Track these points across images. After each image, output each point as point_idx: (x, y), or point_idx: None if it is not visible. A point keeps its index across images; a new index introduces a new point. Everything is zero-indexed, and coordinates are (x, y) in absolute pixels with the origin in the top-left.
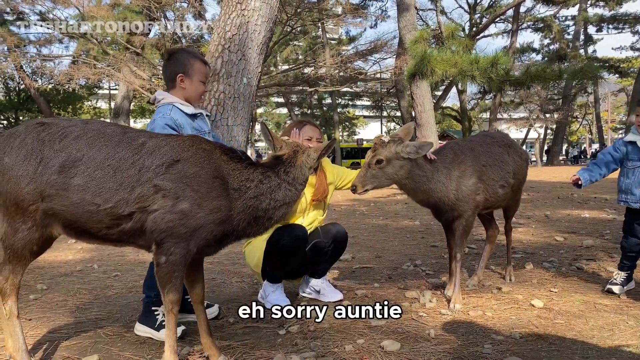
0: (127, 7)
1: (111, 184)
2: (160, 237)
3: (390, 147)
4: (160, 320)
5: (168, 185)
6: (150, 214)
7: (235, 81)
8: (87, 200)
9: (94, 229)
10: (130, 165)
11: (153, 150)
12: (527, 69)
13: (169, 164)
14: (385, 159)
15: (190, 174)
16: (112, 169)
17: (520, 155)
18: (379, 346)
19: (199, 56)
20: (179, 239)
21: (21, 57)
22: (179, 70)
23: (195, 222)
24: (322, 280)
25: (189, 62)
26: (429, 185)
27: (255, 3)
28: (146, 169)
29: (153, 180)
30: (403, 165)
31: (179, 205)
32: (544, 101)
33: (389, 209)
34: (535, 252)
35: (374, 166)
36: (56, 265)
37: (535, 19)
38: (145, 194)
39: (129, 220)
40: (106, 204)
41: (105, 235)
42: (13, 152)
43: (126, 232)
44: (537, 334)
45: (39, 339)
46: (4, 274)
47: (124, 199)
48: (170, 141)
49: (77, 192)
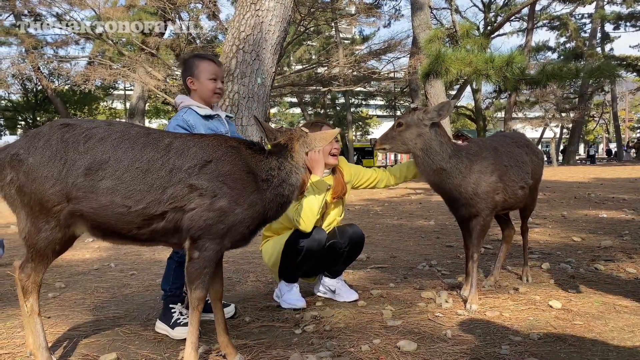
0: (142, 8)
1: (142, 186)
2: (198, 234)
3: (414, 113)
4: (175, 318)
5: (204, 184)
6: (186, 212)
7: (250, 81)
8: (117, 202)
9: (124, 229)
10: (160, 166)
11: (182, 151)
12: (544, 68)
13: (202, 164)
14: (405, 124)
15: (225, 172)
16: (142, 171)
17: (537, 154)
18: (396, 346)
19: (207, 56)
20: (215, 236)
21: (38, 59)
22: (187, 74)
23: (233, 219)
24: (337, 280)
25: (194, 64)
26: (442, 165)
27: (270, 3)
28: (177, 169)
29: (187, 180)
30: (421, 134)
31: (217, 203)
32: (559, 100)
33: (404, 209)
34: (553, 252)
35: (395, 129)
36: (74, 264)
37: (551, 17)
38: (179, 194)
39: (161, 220)
40: (137, 205)
41: (135, 235)
42: (37, 152)
43: (158, 231)
44: (555, 335)
45: (58, 336)
46: (25, 272)
47: (156, 199)
48: (197, 141)
49: (106, 195)
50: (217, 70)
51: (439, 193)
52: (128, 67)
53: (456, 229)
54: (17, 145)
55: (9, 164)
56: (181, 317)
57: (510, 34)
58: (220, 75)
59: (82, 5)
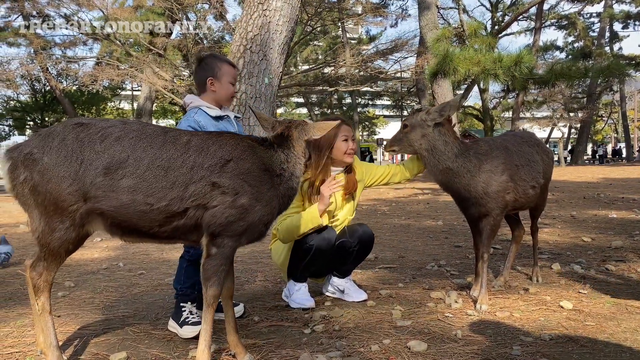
0: (150, 8)
1: (164, 183)
2: (218, 230)
3: (417, 115)
4: (184, 317)
5: (226, 182)
6: (208, 209)
7: (257, 81)
8: (139, 200)
9: (145, 227)
10: (181, 164)
11: (201, 149)
12: (552, 67)
13: (222, 163)
14: (410, 125)
15: (245, 170)
16: (163, 169)
17: (547, 154)
18: (406, 346)
19: (227, 59)
20: (234, 233)
21: (47, 59)
22: (208, 74)
23: (253, 216)
24: (346, 280)
25: (217, 66)
26: (449, 165)
27: (277, 3)
28: (198, 166)
29: (209, 177)
30: (425, 135)
31: (239, 200)
32: (567, 100)
33: (411, 209)
34: (562, 253)
35: (402, 130)
36: (83, 263)
37: (559, 16)
38: (201, 191)
39: (182, 217)
40: (160, 202)
41: (156, 233)
42: (53, 152)
43: (179, 228)
44: (567, 336)
45: (68, 335)
46: (37, 270)
47: (178, 196)
48: (216, 140)
49: (127, 193)
50: (235, 74)
51: (449, 192)
52: (136, 67)
53: (464, 229)
54: (30, 145)
55: (23, 163)
56: (190, 316)
57: (517, 34)
58: (237, 79)
59: (90, 6)
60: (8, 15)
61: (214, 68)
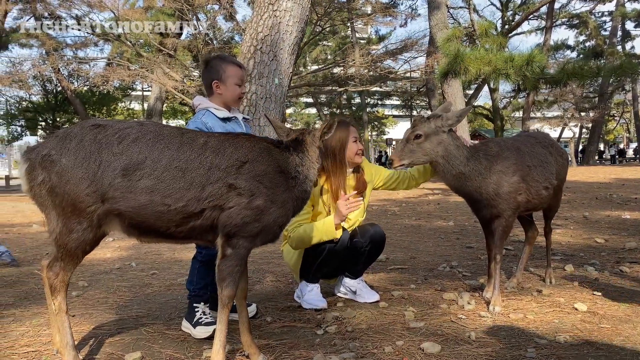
0: (160, 9)
1: (181, 184)
2: (233, 231)
3: (430, 122)
4: (197, 318)
5: (242, 184)
6: (224, 210)
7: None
8: (157, 201)
9: (162, 227)
10: (199, 165)
11: (218, 150)
12: (564, 67)
13: (239, 165)
14: (424, 134)
15: (261, 172)
16: (181, 170)
17: (561, 154)
18: (419, 348)
19: (233, 60)
20: (249, 234)
21: (58, 60)
22: (213, 77)
23: (268, 217)
24: (358, 281)
25: (221, 68)
26: (461, 169)
27: (287, 4)
28: (215, 167)
29: (225, 179)
30: (441, 142)
31: (254, 202)
32: (579, 99)
33: (421, 210)
34: (575, 254)
35: (412, 141)
36: (95, 263)
37: (570, 15)
38: (218, 192)
39: (199, 217)
40: (177, 203)
41: (173, 233)
42: (71, 153)
43: (195, 228)
44: (582, 338)
45: (83, 335)
46: (54, 271)
47: (195, 197)
48: (232, 142)
49: (145, 194)
50: (242, 75)
51: (460, 195)
52: (146, 68)
53: (476, 230)
54: (47, 146)
55: (40, 164)
56: (203, 317)
57: (528, 33)
58: (244, 79)
59: (101, 7)
60: (20, 17)
61: (219, 70)
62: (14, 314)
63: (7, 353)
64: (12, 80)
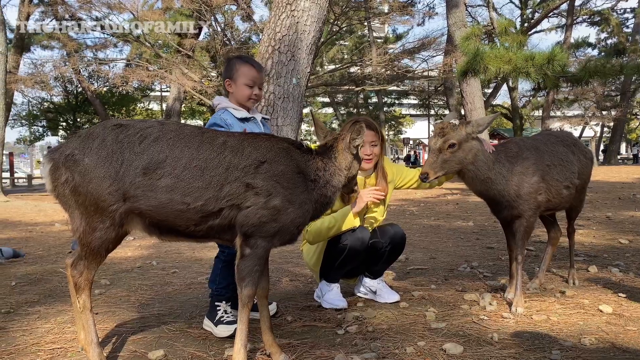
0: (178, 10)
1: (200, 183)
2: (250, 230)
3: (461, 129)
4: (219, 316)
5: (260, 184)
6: (241, 210)
7: (285, 82)
8: (177, 200)
9: (182, 226)
10: (217, 164)
11: (237, 150)
12: (586, 65)
13: (257, 164)
14: (458, 143)
15: (279, 172)
16: (200, 169)
17: (585, 154)
18: (441, 349)
19: (249, 60)
20: (267, 234)
21: (79, 61)
22: (226, 75)
23: (285, 217)
24: (378, 281)
25: (235, 67)
26: (488, 174)
27: (305, 3)
28: (234, 167)
29: (243, 178)
30: (472, 148)
31: (271, 201)
32: (600, 98)
33: (440, 210)
34: (599, 255)
35: (445, 151)
36: (117, 262)
37: (592, 12)
38: (235, 192)
39: (217, 216)
40: (196, 202)
41: (192, 232)
42: (93, 153)
43: (214, 227)
44: (608, 341)
45: (106, 332)
46: (78, 269)
47: (213, 196)
48: (251, 142)
49: (165, 193)
50: (255, 76)
51: (483, 198)
52: (165, 68)
53: (496, 230)
54: (70, 146)
55: (64, 164)
56: (225, 315)
57: (548, 31)
58: (259, 81)
59: (121, 9)
60: (42, 19)
61: (232, 69)
62: (39, 311)
63: (33, 350)
64: (35, 82)
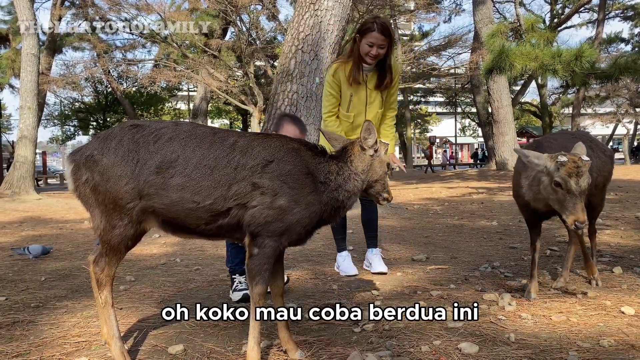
0: (205, 11)
1: (209, 182)
2: (257, 230)
3: (542, 164)
4: (235, 285)
5: (266, 183)
6: (248, 209)
7: (308, 81)
8: (187, 198)
9: (193, 225)
10: (226, 164)
11: (246, 150)
12: (616, 61)
13: (264, 164)
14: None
15: (286, 172)
16: (209, 168)
17: (604, 151)
18: (457, 348)
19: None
20: (274, 233)
21: (109, 62)
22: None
23: (291, 217)
24: (373, 252)
25: (282, 126)
26: None
27: (329, 3)
28: (242, 167)
29: (250, 178)
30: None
31: (277, 201)
32: (633, 94)
33: (464, 209)
34: (625, 256)
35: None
36: (142, 259)
37: (625, 6)
38: (243, 191)
39: (226, 216)
40: (205, 201)
41: (203, 230)
42: (111, 153)
43: (223, 226)
44: (629, 343)
45: (129, 327)
46: (100, 266)
47: (222, 195)
48: (261, 141)
49: (177, 191)
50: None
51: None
52: (191, 69)
53: (520, 230)
54: (90, 147)
55: (84, 165)
56: (239, 285)
57: (579, 26)
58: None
59: (149, 10)
60: (73, 21)
61: (279, 129)
62: (66, 305)
63: (59, 342)
64: (66, 82)
